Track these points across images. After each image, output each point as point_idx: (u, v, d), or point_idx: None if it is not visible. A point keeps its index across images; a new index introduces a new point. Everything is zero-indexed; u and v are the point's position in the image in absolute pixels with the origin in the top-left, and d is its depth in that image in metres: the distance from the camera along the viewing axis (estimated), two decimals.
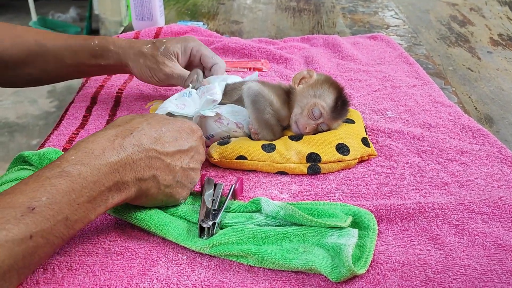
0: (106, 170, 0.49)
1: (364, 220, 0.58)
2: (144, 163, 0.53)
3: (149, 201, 0.57)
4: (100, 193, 0.48)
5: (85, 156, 0.49)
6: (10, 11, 4.47)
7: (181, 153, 0.58)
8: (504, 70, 1.13)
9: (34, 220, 0.43)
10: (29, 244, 0.42)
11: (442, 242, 0.57)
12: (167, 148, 0.56)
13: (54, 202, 0.45)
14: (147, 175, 0.53)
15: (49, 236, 0.44)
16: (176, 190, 0.58)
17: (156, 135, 0.55)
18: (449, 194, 0.65)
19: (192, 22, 1.40)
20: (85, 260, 0.54)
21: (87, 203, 0.47)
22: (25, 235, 0.42)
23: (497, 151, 0.75)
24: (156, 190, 0.56)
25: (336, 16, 1.54)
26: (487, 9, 1.62)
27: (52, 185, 0.45)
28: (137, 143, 0.53)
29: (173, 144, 0.57)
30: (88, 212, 0.48)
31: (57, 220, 0.44)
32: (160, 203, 0.59)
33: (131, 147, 0.52)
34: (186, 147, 0.58)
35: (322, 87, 0.73)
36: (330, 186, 0.68)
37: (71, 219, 0.46)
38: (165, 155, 0.55)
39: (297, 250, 0.53)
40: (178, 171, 0.57)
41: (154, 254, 0.55)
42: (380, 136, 0.80)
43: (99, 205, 0.49)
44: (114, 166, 0.50)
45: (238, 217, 0.59)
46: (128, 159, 0.51)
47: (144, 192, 0.54)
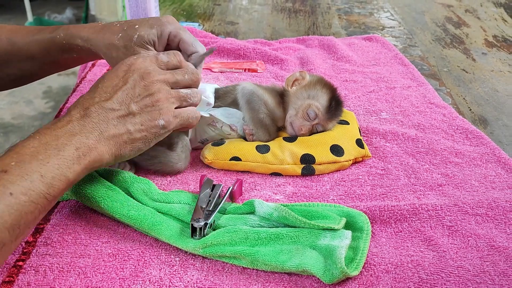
0: (64, 134, 0.52)
1: (357, 222, 0.57)
2: (95, 121, 0.55)
3: (135, 145, 0.58)
4: (67, 151, 0.51)
5: (41, 130, 0.53)
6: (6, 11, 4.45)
7: (121, 86, 0.58)
8: (498, 71, 1.13)
9: (9, 179, 0.46)
10: (11, 201, 0.45)
11: (436, 243, 0.57)
12: (105, 95, 0.57)
13: (23, 164, 0.48)
14: (106, 128, 0.55)
15: (30, 193, 0.47)
16: (144, 121, 0.58)
17: (94, 94, 0.58)
18: (443, 196, 0.65)
19: (187, 23, 1.39)
20: (77, 261, 0.54)
21: (57, 161, 0.50)
22: (4, 192, 0.45)
23: (491, 153, 0.75)
24: (126, 133, 0.57)
25: (332, 17, 1.54)
26: (482, 10, 1.63)
27: (16, 153, 0.49)
28: (81, 108, 0.56)
29: (112, 89, 0.58)
30: (63, 170, 0.50)
31: (32, 178, 0.47)
32: (152, 139, 0.59)
33: (77, 113, 0.56)
34: (122, 75, 0.59)
35: (315, 88, 0.73)
36: (324, 187, 0.68)
37: (46, 176, 0.48)
38: (108, 99, 0.57)
39: (290, 251, 0.53)
40: (129, 105, 0.57)
41: (147, 255, 0.55)
42: (375, 137, 0.80)
43: (72, 163, 0.51)
44: (70, 129, 0.53)
45: (231, 219, 0.58)
46: (80, 121, 0.55)
47: (116, 141, 0.56)
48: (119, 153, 0.57)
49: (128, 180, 0.64)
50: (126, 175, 0.65)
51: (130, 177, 0.64)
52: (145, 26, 0.70)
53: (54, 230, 0.59)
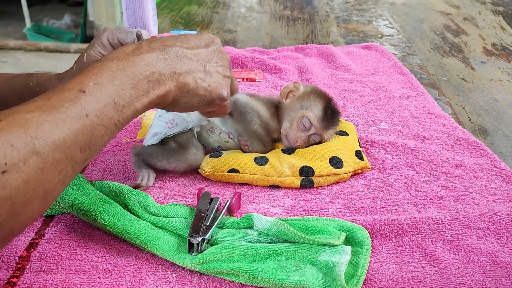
0: (140, 63, 0.54)
1: (357, 237, 0.57)
2: (173, 57, 0.57)
3: (193, 99, 0.59)
4: (140, 81, 0.53)
5: (120, 53, 0.55)
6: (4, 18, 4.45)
7: (203, 48, 0.60)
8: (498, 80, 1.13)
9: (87, 100, 0.48)
10: (86, 122, 0.47)
11: (437, 258, 0.56)
12: (187, 45, 0.59)
13: (100, 86, 0.50)
14: (180, 69, 0.57)
15: (102, 117, 0.49)
16: (212, 83, 0.60)
17: (176, 39, 0.60)
18: (443, 209, 0.64)
19: (185, 31, 1.39)
20: (72, 278, 0.53)
21: (130, 89, 0.52)
22: (81, 113, 0.47)
23: (492, 164, 0.75)
24: (194, 84, 0.58)
25: (330, 25, 1.54)
26: (480, 18, 1.63)
27: (95, 74, 0.51)
28: (162, 44, 0.58)
29: (195, 45, 0.60)
30: (133, 100, 0.52)
31: (106, 102, 0.49)
32: (206, 103, 0.60)
33: (158, 47, 0.57)
34: (205, 42, 0.61)
35: (308, 99, 0.73)
36: (323, 200, 0.67)
37: (118, 103, 0.50)
38: (189, 48, 0.59)
39: (289, 268, 0.52)
40: (205, 64, 0.60)
41: (143, 271, 0.54)
42: (374, 148, 0.79)
43: (142, 94, 0.53)
44: (147, 59, 0.55)
45: (229, 234, 0.57)
46: (158, 56, 0.56)
47: (183, 86, 0.57)
48: (178, 98, 0.58)
49: (125, 193, 0.63)
50: (123, 188, 0.64)
51: (127, 190, 0.63)
52: (89, 47, 0.74)
53: (49, 244, 0.58)
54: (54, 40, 3.81)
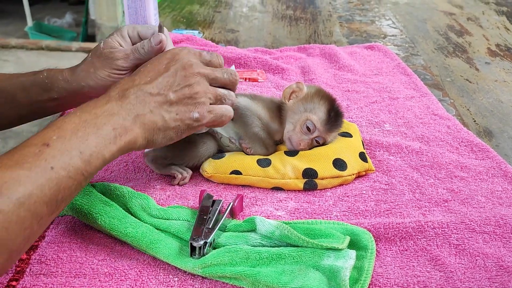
0: (102, 114, 0.54)
1: (362, 240, 0.56)
2: (133, 100, 0.56)
3: (167, 133, 0.58)
4: (104, 131, 0.53)
5: (81, 108, 0.55)
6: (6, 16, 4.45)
7: (163, 73, 0.59)
8: (502, 81, 1.12)
9: (51, 153, 0.48)
10: (52, 175, 0.46)
11: (442, 263, 0.55)
12: (146, 79, 0.58)
13: (64, 138, 0.50)
14: (143, 110, 0.56)
15: (69, 168, 0.48)
16: (180, 110, 0.58)
17: (134, 76, 0.59)
18: (449, 212, 0.64)
19: (187, 31, 1.38)
20: (72, 282, 0.52)
21: (95, 139, 0.51)
22: (46, 167, 0.46)
23: (497, 166, 0.74)
24: (161, 120, 0.57)
25: (333, 25, 1.53)
26: (484, 19, 1.62)
27: (58, 128, 0.51)
28: (120, 89, 0.58)
29: (153, 74, 0.59)
30: (100, 148, 0.51)
31: (71, 154, 0.49)
32: (184, 130, 0.59)
33: (116, 93, 0.57)
34: (165, 64, 0.60)
35: (312, 101, 0.71)
36: (327, 203, 0.66)
37: (84, 153, 0.50)
38: (148, 83, 0.58)
39: (292, 272, 0.51)
40: (167, 93, 0.58)
41: (144, 275, 0.53)
42: (378, 150, 0.78)
43: (109, 143, 0.52)
44: (109, 109, 0.55)
45: (232, 237, 0.57)
46: (118, 103, 0.56)
47: (151, 126, 0.57)
48: (152, 138, 0.58)
49: (126, 195, 0.62)
50: (125, 190, 0.63)
51: (128, 192, 0.63)
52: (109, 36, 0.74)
53: (49, 247, 0.57)
54: (56, 38, 3.80)
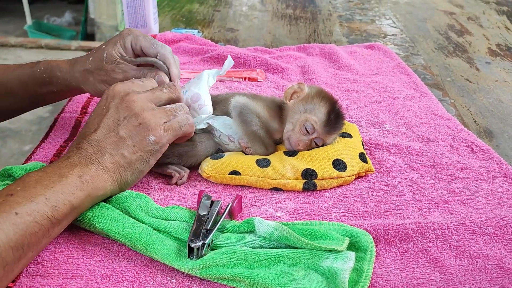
0: (65, 166, 0.55)
1: (361, 242, 0.55)
2: (90, 149, 0.58)
3: (135, 167, 0.59)
4: (69, 179, 0.54)
5: (46, 165, 0.57)
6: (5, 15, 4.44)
7: (106, 113, 0.60)
8: (503, 81, 1.11)
9: (15, 200, 0.49)
10: (16, 220, 0.47)
11: (443, 265, 0.55)
12: (91, 126, 0.60)
13: (29, 188, 0.51)
14: (102, 156, 0.57)
15: (34, 213, 0.49)
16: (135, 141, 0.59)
17: (83, 129, 0.61)
18: (449, 213, 0.63)
19: (187, 30, 1.37)
20: (69, 283, 0.51)
21: (61, 187, 0.52)
22: (10, 212, 0.47)
23: (498, 167, 0.73)
24: (121, 157, 0.58)
25: (333, 24, 1.52)
26: (484, 18, 1.61)
27: (22, 180, 0.52)
28: (74, 145, 0.59)
29: (97, 119, 0.60)
30: (66, 195, 0.52)
31: (37, 200, 0.50)
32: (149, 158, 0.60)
33: (72, 149, 0.59)
34: (103, 103, 0.61)
35: (313, 101, 0.71)
36: (326, 204, 0.65)
37: (50, 198, 0.51)
38: (96, 129, 0.59)
39: (291, 274, 0.51)
40: (116, 129, 0.59)
41: (142, 277, 0.53)
42: (378, 150, 0.78)
43: (75, 189, 0.54)
44: (70, 161, 0.56)
45: (230, 238, 0.56)
46: (77, 155, 0.57)
47: (115, 166, 0.58)
48: (121, 179, 0.59)
49: (125, 195, 0.62)
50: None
51: (127, 193, 0.62)
52: (110, 43, 0.73)
53: (46, 248, 0.56)
54: (55, 37, 3.80)
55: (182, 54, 1.18)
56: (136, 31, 0.74)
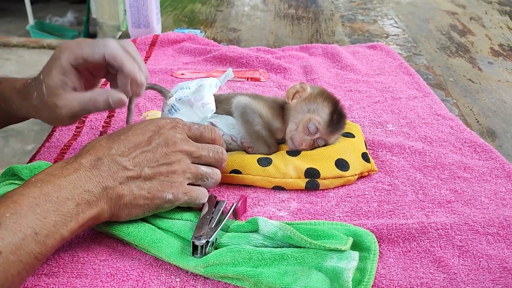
0: (67, 186, 0.49)
1: (365, 242, 0.55)
2: (105, 172, 0.52)
3: (133, 210, 0.54)
4: (66, 207, 0.48)
5: (45, 175, 0.50)
6: (7, 15, 4.45)
7: (143, 147, 0.55)
8: (505, 81, 1.11)
9: (1, 234, 0.43)
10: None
11: (446, 264, 0.55)
12: (124, 150, 0.54)
13: (19, 217, 0.44)
14: (113, 183, 0.52)
15: (19, 252, 0.43)
16: (152, 188, 0.54)
17: (112, 144, 0.55)
18: (452, 213, 0.63)
19: (189, 30, 1.38)
20: (74, 282, 0.52)
21: (55, 217, 0.47)
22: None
23: (501, 167, 0.73)
24: (130, 195, 0.53)
25: (335, 24, 1.52)
26: (487, 18, 1.61)
27: (14, 202, 0.46)
28: (94, 157, 0.53)
29: (133, 145, 0.55)
30: (58, 227, 0.47)
31: (25, 234, 0.44)
32: (152, 210, 0.56)
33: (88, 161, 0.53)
34: (148, 136, 0.56)
35: (316, 101, 0.71)
36: (330, 203, 0.65)
37: (40, 233, 0.45)
38: (124, 155, 0.54)
39: (295, 273, 0.51)
40: (142, 168, 0.54)
41: (146, 276, 0.53)
42: (381, 150, 0.78)
43: (69, 220, 0.48)
44: (75, 181, 0.50)
45: (234, 237, 0.56)
46: (88, 174, 0.51)
47: (117, 200, 0.53)
48: (116, 213, 0.54)
49: None
50: None
51: None
52: (47, 71, 0.61)
53: None
54: (57, 37, 3.81)
55: (185, 54, 1.18)
56: (70, 44, 0.61)
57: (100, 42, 0.61)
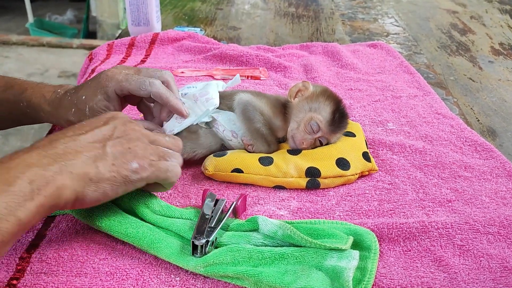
0: (17, 166, 0.46)
1: (365, 241, 0.55)
2: (61, 150, 0.50)
3: (101, 185, 0.51)
4: (18, 185, 0.44)
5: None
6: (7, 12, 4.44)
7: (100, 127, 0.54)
8: (506, 80, 1.11)
9: None
10: None
11: (446, 264, 0.55)
12: (80, 132, 0.53)
13: None
14: (72, 159, 0.49)
15: None
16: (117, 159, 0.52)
17: (67, 130, 0.54)
18: (453, 212, 0.63)
19: (189, 28, 1.37)
20: (73, 281, 0.52)
21: (5, 198, 0.43)
22: None
23: (501, 166, 0.73)
24: (94, 169, 0.50)
25: (336, 23, 1.52)
26: (487, 17, 1.61)
27: None
28: (48, 139, 0.51)
29: (89, 128, 0.54)
30: (12, 210, 0.43)
31: None
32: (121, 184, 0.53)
33: (41, 144, 0.50)
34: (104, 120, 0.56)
35: (318, 100, 0.71)
36: (330, 202, 0.65)
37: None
38: (83, 134, 0.53)
39: (295, 272, 0.51)
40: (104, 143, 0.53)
41: (146, 275, 0.53)
42: (381, 149, 0.78)
43: (24, 199, 0.44)
44: (26, 160, 0.47)
45: (234, 236, 0.56)
46: (41, 153, 0.48)
47: (82, 176, 0.49)
48: (82, 191, 0.49)
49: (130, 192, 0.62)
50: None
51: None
52: (90, 93, 0.66)
53: (50, 246, 0.56)
54: (57, 35, 3.80)
55: (185, 53, 1.18)
56: (116, 75, 0.66)
57: (147, 82, 0.65)
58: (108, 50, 1.16)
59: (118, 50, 1.16)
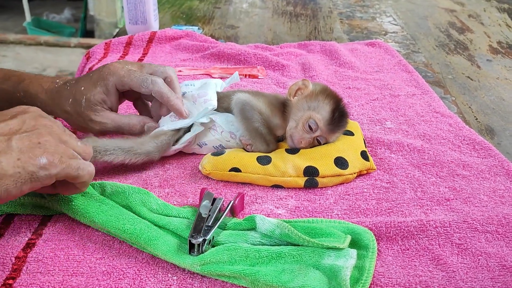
0: None
1: (363, 239, 0.55)
2: None
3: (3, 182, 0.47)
4: None
5: None
6: (4, 11, 4.43)
7: (7, 120, 0.51)
8: (504, 79, 1.11)
9: None
10: None
11: (445, 262, 0.54)
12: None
13: None
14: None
15: None
16: (23, 154, 0.49)
17: None
18: (451, 211, 0.63)
19: (187, 27, 1.37)
20: (69, 280, 0.51)
21: None
22: None
23: (499, 165, 0.73)
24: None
25: (334, 21, 1.52)
26: (485, 16, 1.61)
27: None
28: None
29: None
30: None
31: None
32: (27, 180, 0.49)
33: None
34: (12, 114, 0.52)
35: (317, 99, 0.70)
36: (328, 201, 0.65)
37: None
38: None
39: (292, 271, 0.51)
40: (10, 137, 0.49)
41: (143, 274, 0.52)
42: (379, 148, 0.77)
43: None
44: None
45: (231, 235, 0.56)
46: None
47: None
48: None
49: (127, 191, 0.62)
50: (125, 186, 0.62)
51: (129, 188, 0.62)
52: (89, 85, 0.65)
53: (46, 245, 0.56)
54: (54, 34, 3.79)
55: (183, 51, 1.18)
56: (119, 70, 0.66)
57: (149, 80, 0.65)
58: (105, 48, 1.15)
59: (116, 48, 1.16)
